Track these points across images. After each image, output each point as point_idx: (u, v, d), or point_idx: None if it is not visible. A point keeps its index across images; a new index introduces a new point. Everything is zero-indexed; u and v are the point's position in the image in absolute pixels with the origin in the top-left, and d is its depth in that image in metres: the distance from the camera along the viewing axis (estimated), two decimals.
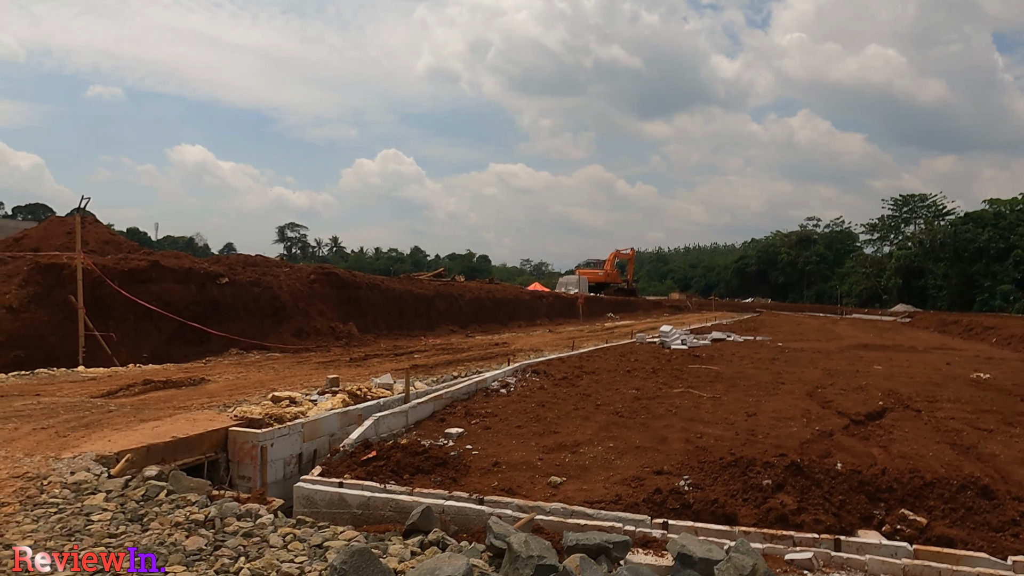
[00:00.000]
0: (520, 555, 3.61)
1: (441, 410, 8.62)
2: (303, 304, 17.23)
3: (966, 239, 74.71)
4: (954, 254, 75.71)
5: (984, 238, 73.24)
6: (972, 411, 8.78)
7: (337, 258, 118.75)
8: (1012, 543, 5.04)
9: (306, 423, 7.19)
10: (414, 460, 6.43)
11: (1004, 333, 25.96)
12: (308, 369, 11.80)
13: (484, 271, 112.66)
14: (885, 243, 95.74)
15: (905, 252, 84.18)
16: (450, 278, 37.42)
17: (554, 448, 7.12)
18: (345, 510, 5.45)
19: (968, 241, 74.46)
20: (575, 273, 60.53)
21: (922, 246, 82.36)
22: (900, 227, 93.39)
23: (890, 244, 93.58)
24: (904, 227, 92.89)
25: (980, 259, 73.65)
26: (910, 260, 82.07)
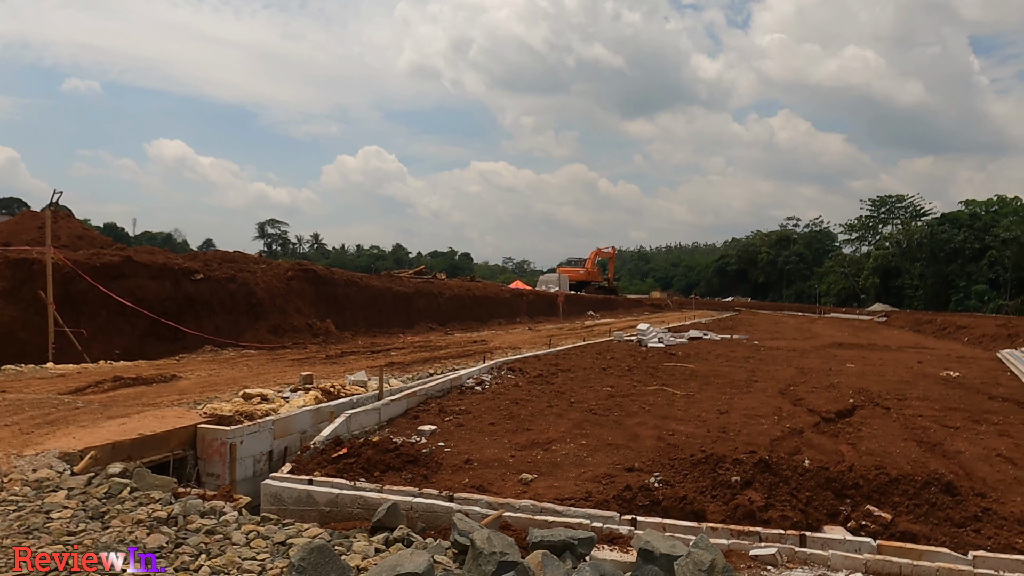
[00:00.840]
0: (483, 552, 3.61)
1: (415, 407, 8.60)
2: (280, 301, 17.11)
3: (942, 240, 75.74)
4: (930, 254, 76.72)
5: (960, 239, 74.29)
6: (940, 409, 8.90)
7: (318, 255, 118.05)
8: (974, 538, 5.12)
9: (277, 420, 7.14)
10: (385, 457, 6.41)
11: (976, 332, 26.35)
12: (283, 366, 11.72)
13: (466, 269, 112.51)
14: (863, 243, 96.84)
15: (882, 252, 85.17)
16: (431, 276, 37.33)
17: (527, 445, 7.13)
18: (313, 507, 5.42)
19: (944, 242, 75.49)
20: (556, 271, 60.60)
21: (899, 246, 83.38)
22: (878, 227, 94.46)
23: (868, 244, 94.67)
24: (882, 227, 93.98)
25: (956, 259, 74.70)
26: (887, 260, 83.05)
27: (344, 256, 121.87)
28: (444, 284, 29.82)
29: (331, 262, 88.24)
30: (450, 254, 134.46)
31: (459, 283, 33.25)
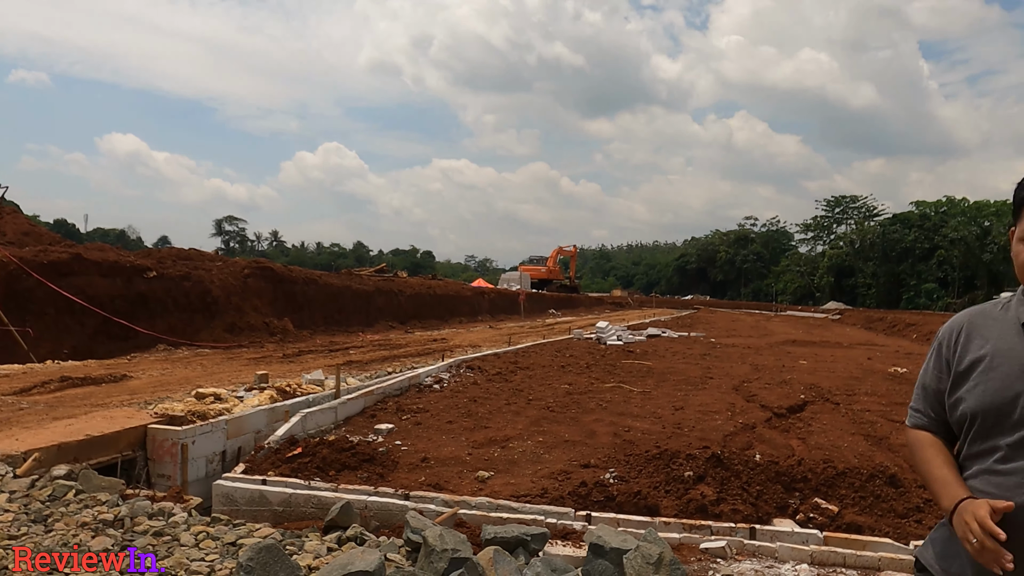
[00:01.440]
0: (435, 549, 3.61)
1: (372, 406, 8.55)
2: (236, 299, 16.84)
3: (893, 239, 77.87)
4: (882, 254, 78.80)
5: (910, 239, 76.47)
6: (887, 404, 9.16)
7: (277, 252, 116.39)
8: (915, 528, 5.28)
9: (230, 420, 7.04)
10: (341, 456, 6.37)
11: (924, 330, 27.16)
12: (238, 365, 11.55)
13: (428, 267, 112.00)
14: (818, 242, 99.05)
15: (837, 251, 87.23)
16: (392, 274, 37.10)
17: (484, 443, 7.14)
18: (266, 507, 5.36)
19: (895, 241, 77.62)
20: (518, 270, 60.72)
21: (852, 246, 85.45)
22: (833, 227, 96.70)
23: (823, 243, 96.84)
24: (836, 227, 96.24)
25: (906, 259, 76.88)
26: (841, 259, 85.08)
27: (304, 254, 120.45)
28: (405, 282, 29.67)
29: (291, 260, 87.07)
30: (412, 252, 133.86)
31: (420, 281, 33.12)
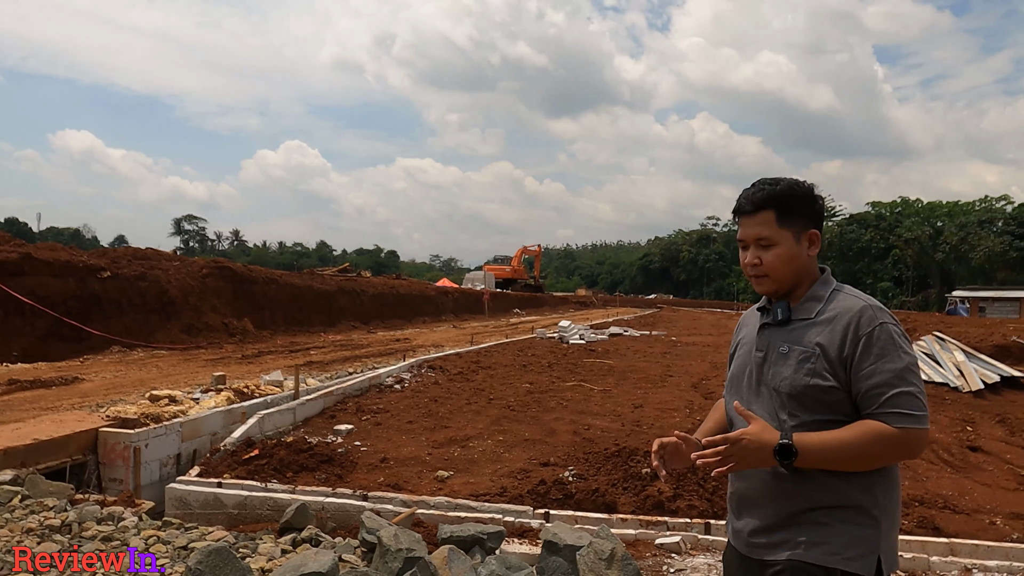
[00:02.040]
0: (390, 548, 3.61)
1: (332, 407, 8.48)
2: (194, 299, 16.55)
3: (851, 239, 79.58)
4: (840, 253, 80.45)
5: (867, 238, 78.24)
6: None
7: (239, 252, 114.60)
8: None
9: (185, 422, 6.92)
10: (299, 457, 6.31)
11: None
12: (195, 367, 11.36)
13: (393, 267, 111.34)
14: None
15: None
16: (356, 273, 36.81)
17: (444, 443, 7.14)
18: (221, 510, 5.29)
19: (852, 241, 79.34)
20: (483, 269, 60.67)
21: None
22: None
23: None
24: None
25: (863, 258, 78.65)
26: None
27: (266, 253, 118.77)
28: (367, 282, 29.45)
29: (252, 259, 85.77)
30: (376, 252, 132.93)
31: (383, 281, 32.90)
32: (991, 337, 17.81)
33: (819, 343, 1.85)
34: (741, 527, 1.96)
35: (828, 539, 1.80)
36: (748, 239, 1.97)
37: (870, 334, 1.81)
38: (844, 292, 1.94)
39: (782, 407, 1.86)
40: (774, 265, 1.94)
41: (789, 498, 1.84)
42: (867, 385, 1.79)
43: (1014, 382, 10.52)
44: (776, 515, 1.86)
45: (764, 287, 1.98)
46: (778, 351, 1.91)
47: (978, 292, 58.50)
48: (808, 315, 1.92)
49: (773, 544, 1.87)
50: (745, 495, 1.94)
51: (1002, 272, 67.05)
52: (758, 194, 1.95)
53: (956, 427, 8.08)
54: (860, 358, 1.80)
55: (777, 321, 1.95)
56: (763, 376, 1.93)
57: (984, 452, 7.29)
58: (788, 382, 1.86)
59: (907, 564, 4.62)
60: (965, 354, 12.04)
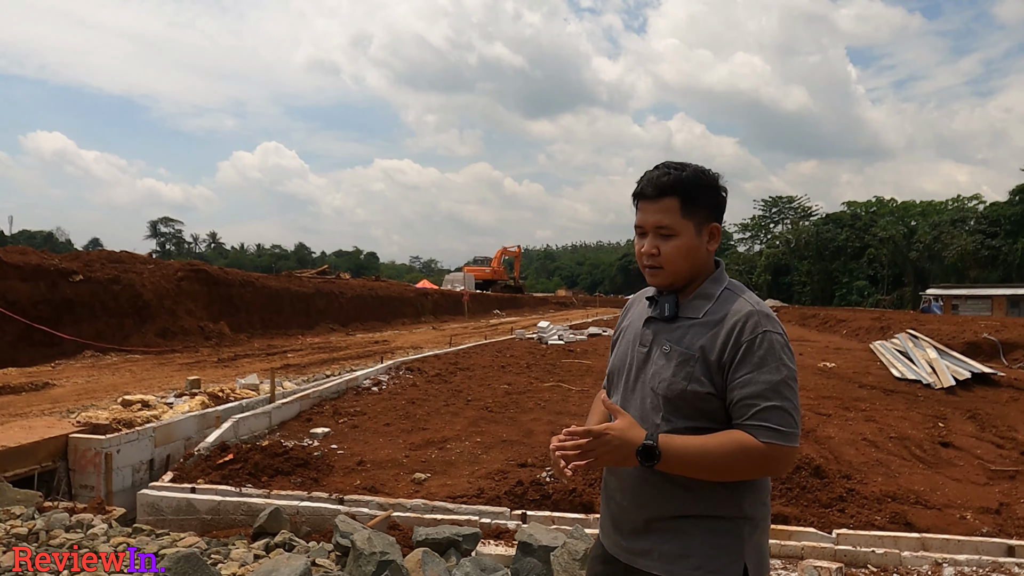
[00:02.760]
0: (363, 552, 3.58)
1: (308, 410, 8.42)
2: (169, 303, 16.36)
3: (827, 238, 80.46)
4: (816, 252, 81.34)
5: (843, 238, 79.14)
6: (815, 397, 9.45)
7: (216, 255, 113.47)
8: (838, 517, 5.46)
9: (158, 427, 6.83)
10: (274, 461, 6.25)
11: (854, 325, 28.15)
12: (170, 371, 11.22)
13: (372, 268, 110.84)
14: (756, 242, 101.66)
15: (773, 250, 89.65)
16: (335, 275, 36.57)
17: (421, 445, 7.11)
18: (194, 516, 5.23)
19: (828, 240, 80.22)
20: (462, 270, 60.57)
21: (788, 245, 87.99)
22: (769, 227, 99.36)
23: (760, 243, 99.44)
24: (773, 227, 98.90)
25: (839, 257, 79.54)
26: (778, 258, 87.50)
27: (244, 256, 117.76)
28: (346, 284, 29.28)
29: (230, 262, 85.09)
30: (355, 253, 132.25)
31: (362, 283, 32.74)
32: (963, 334, 18.11)
33: (701, 346, 1.77)
34: (609, 524, 1.92)
35: (690, 551, 1.75)
36: (647, 226, 1.85)
37: (752, 341, 1.74)
38: (734, 293, 1.85)
39: (656, 409, 1.79)
40: (672, 257, 1.83)
41: (653, 502, 1.78)
42: (740, 395, 1.71)
43: (985, 378, 10.69)
44: (640, 519, 1.81)
45: (658, 279, 1.87)
46: (661, 349, 1.82)
47: (951, 290, 59.40)
48: (695, 314, 1.83)
49: (637, 552, 1.81)
50: (613, 494, 1.89)
51: (974, 270, 68.15)
52: (663, 178, 1.83)
53: (928, 423, 8.19)
54: (738, 365, 1.73)
55: (664, 316, 1.86)
56: (643, 374, 1.85)
57: (955, 448, 7.39)
58: (666, 384, 1.77)
59: (879, 560, 4.67)
60: (937, 351, 12.21)
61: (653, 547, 1.78)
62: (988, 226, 69.50)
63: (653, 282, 1.90)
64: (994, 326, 20.16)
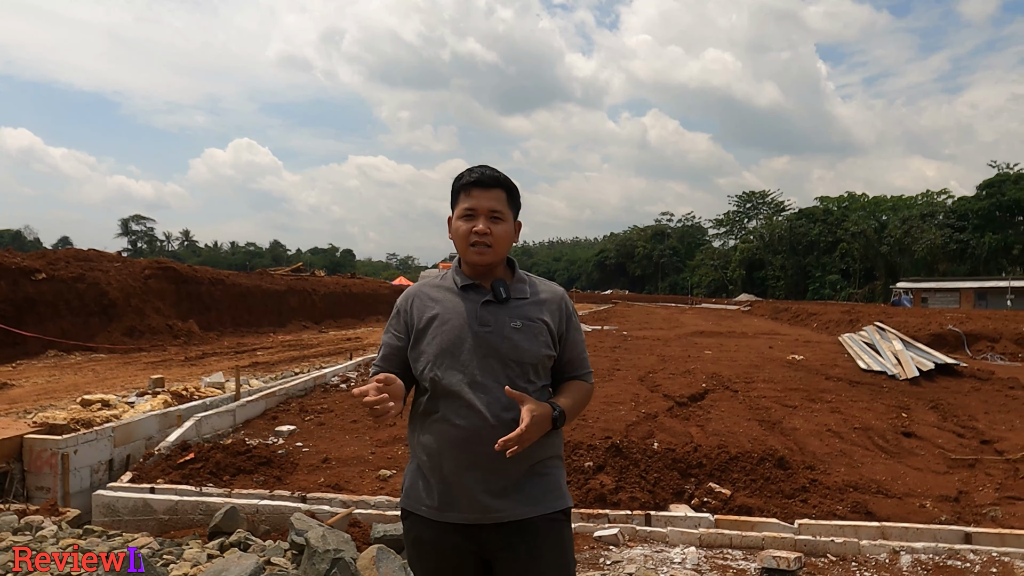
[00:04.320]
0: (317, 550, 3.53)
1: (274, 408, 8.32)
2: (136, 301, 16.10)
3: (800, 233, 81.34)
4: (790, 247, 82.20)
5: (815, 232, 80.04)
6: (782, 390, 9.51)
7: (189, 253, 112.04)
8: (800, 508, 5.50)
9: (118, 427, 6.70)
10: (236, 460, 6.17)
11: (824, 319, 28.46)
12: (135, 370, 11.04)
13: (348, 266, 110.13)
14: (731, 237, 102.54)
15: (748, 245, 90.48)
16: (309, 273, 36.26)
17: (388, 441, 7.05)
18: (151, 516, 5.14)
19: (802, 235, 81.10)
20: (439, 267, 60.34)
21: (762, 240, 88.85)
22: (744, 222, 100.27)
23: (735, 238, 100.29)
24: (747, 222, 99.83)
25: (812, 252, 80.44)
26: (752, 253, 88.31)
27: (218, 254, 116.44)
28: (319, 281, 29.04)
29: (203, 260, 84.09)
30: (331, 251, 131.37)
31: (336, 280, 32.50)
32: (929, 326, 18.38)
33: (543, 319, 2.11)
34: (465, 495, 2.00)
35: (557, 486, 2.10)
36: (481, 210, 2.10)
37: (571, 313, 2.21)
38: (531, 276, 2.23)
39: (522, 375, 2.05)
40: (501, 238, 2.11)
41: (520, 458, 1.97)
42: (573, 354, 2.20)
43: (948, 369, 10.84)
44: (508, 476, 2.01)
45: (486, 257, 2.10)
46: (510, 326, 2.07)
47: (921, 283, 60.39)
48: (523, 295, 2.15)
49: (506, 507, 2.01)
50: (473, 463, 2.00)
51: (943, 264, 69.31)
52: (494, 173, 2.15)
53: (891, 414, 8.28)
54: (567, 332, 2.17)
55: (501, 299, 2.10)
56: (493, 348, 2.05)
57: (917, 437, 7.48)
58: (530, 353, 2.06)
59: (838, 549, 4.71)
60: (903, 343, 12.38)
61: (527, 493, 2.03)
62: (956, 220, 70.72)
63: (480, 259, 2.11)
64: (959, 318, 20.52)
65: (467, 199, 2.13)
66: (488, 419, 1.98)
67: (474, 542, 2.02)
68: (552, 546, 2.06)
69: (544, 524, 2.05)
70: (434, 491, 2.05)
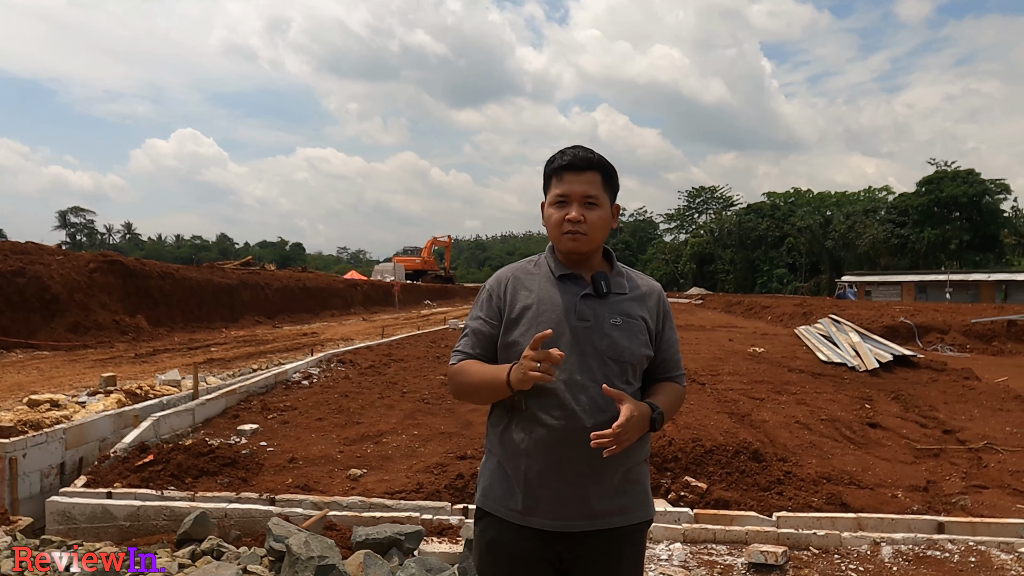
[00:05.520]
0: (300, 557, 3.35)
1: (235, 406, 8.02)
2: (81, 296, 15.44)
3: (748, 228, 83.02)
4: (739, 241, 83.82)
5: (763, 227, 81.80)
6: (748, 382, 9.60)
7: (132, 246, 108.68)
8: (777, 500, 5.50)
9: (69, 428, 6.34)
10: (199, 462, 5.89)
11: (777, 311, 29.03)
12: (82, 368, 10.56)
13: (299, 259, 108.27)
14: (682, 231, 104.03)
15: (698, 240, 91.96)
16: (259, 266, 35.47)
17: (356, 439, 6.86)
18: (111, 523, 4.86)
19: (750, 230, 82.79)
20: (392, 261, 59.78)
21: (712, 234, 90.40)
22: (694, 217, 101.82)
23: (686, 232, 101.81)
24: (698, 217, 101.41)
25: (760, 246, 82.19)
26: (702, 247, 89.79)
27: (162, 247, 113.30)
28: (272, 275, 28.40)
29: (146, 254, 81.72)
30: (280, 244, 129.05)
31: (288, 274, 31.85)
32: (881, 319, 18.88)
33: (643, 317, 2.00)
34: (563, 499, 1.89)
35: (647, 494, 2.04)
36: (574, 195, 1.96)
37: (668, 310, 2.11)
38: (629, 269, 2.12)
39: (621, 375, 1.94)
40: (597, 226, 1.97)
41: (616, 462, 1.89)
42: (667, 354, 2.07)
43: (905, 360, 11.10)
44: (601, 482, 1.91)
45: (581, 245, 1.98)
46: (610, 322, 1.95)
47: (864, 277, 62.22)
48: (622, 290, 2.02)
49: (613, 511, 1.92)
50: (569, 466, 1.88)
51: (885, 258, 71.57)
52: (588, 154, 1.99)
53: (856, 405, 8.42)
54: (663, 330, 2.06)
55: (601, 293, 1.98)
56: (593, 346, 1.93)
57: (882, 428, 7.61)
58: (630, 352, 1.95)
59: (820, 541, 4.71)
60: (860, 335, 12.64)
61: (630, 498, 1.96)
62: (897, 216, 73.04)
63: (574, 247, 1.98)
64: (908, 311, 21.13)
65: (559, 184, 1.99)
66: (583, 420, 1.85)
67: (553, 549, 1.90)
68: (634, 558, 1.99)
69: (630, 533, 1.96)
70: (518, 493, 1.91)
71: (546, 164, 2.06)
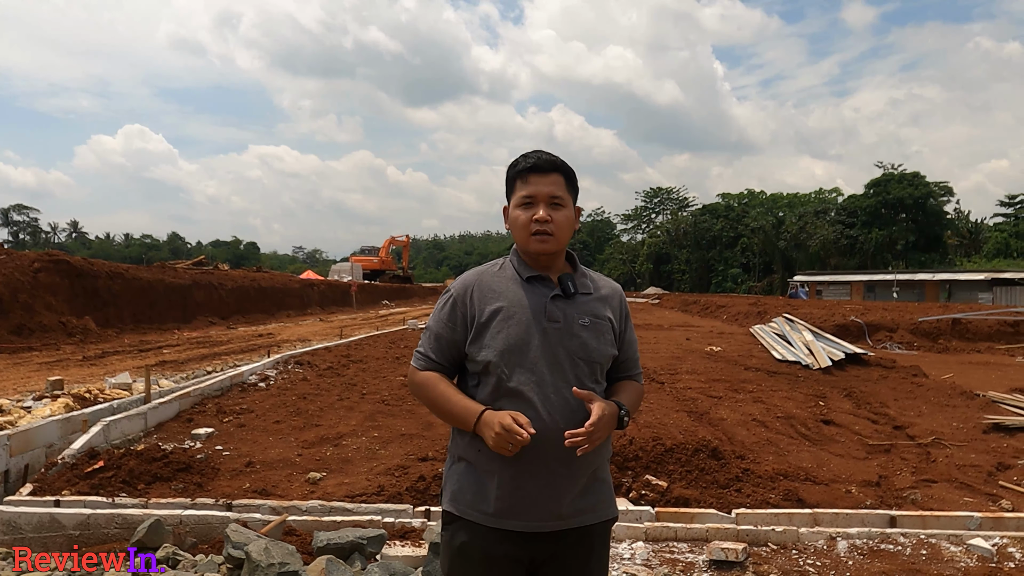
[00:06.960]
0: (260, 564, 3.28)
1: (188, 409, 7.82)
2: (24, 297, 14.91)
3: (703, 228, 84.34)
4: (694, 242, 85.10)
5: (718, 227, 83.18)
6: (706, 381, 9.74)
7: (78, 245, 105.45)
8: (735, 497, 5.58)
9: (14, 434, 6.11)
10: (151, 467, 5.73)
11: (733, 311, 29.52)
12: (27, 371, 10.19)
13: (253, 259, 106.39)
14: (639, 231, 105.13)
15: (655, 240, 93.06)
16: (212, 266, 34.72)
17: (315, 442, 6.75)
18: (59, 532, 4.68)
19: (705, 230, 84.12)
20: (349, 260, 59.13)
21: (668, 234, 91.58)
22: (651, 217, 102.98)
23: (643, 232, 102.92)
24: (654, 217, 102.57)
25: (715, 246, 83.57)
26: (659, 247, 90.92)
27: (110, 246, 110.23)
28: (226, 275, 27.83)
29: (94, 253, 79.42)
30: (235, 243, 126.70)
31: (243, 274, 31.25)
32: (832, 317, 19.33)
33: (608, 317, 2.06)
34: (534, 500, 1.91)
35: (611, 491, 2.10)
36: (540, 196, 1.99)
37: (628, 310, 2.17)
38: (592, 271, 2.17)
39: (590, 375, 1.98)
40: (562, 226, 2.01)
41: (586, 462, 1.95)
42: (628, 354, 2.14)
43: (856, 358, 11.39)
44: (574, 482, 1.94)
45: (548, 246, 2.01)
46: (579, 323, 1.99)
47: (815, 276, 63.65)
48: (587, 290, 2.07)
49: (584, 509, 1.97)
50: (544, 466, 1.91)
51: (835, 258, 73.37)
52: (551, 157, 2.04)
53: (810, 403, 8.60)
54: (625, 330, 2.13)
55: (569, 294, 2.02)
56: (563, 346, 1.96)
57: (836, 425, 7.78)
58: (599, 352, 2.00)
59: (779, 537, 4.79)
60: (813, 334, 12.92)
61: (598, 496, 2.01)
62: (847, 217, 74.92)
63: (542, 248, 2.00)
64: (859, 310, 21.67)
65: (524, 186, 2.02)
66: (557, 421, 1.89)
67: (526, 550, 1.93)
68: (600, 554, 2.04)
69: (599, 530, 2.02)
70: (490, 496, 1.91)
71: (509, 168, 2.08)
